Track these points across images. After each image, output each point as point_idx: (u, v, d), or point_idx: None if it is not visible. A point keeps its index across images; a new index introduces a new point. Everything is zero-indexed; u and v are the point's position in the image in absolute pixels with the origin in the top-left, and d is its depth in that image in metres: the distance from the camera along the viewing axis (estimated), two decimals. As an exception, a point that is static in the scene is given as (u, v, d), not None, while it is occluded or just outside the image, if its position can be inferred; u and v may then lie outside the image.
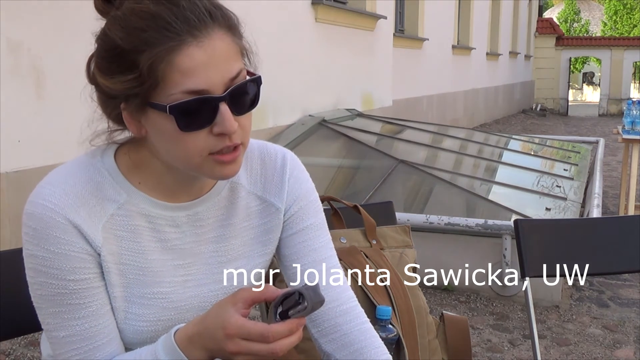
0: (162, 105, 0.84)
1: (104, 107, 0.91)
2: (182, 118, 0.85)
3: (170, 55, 0.83)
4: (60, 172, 0.94)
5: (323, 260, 1.07)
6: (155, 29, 0.83)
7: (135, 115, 0.89)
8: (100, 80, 0.87)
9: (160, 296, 0.97)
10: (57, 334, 0.93)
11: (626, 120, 5.24)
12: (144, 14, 0.84)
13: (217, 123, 0.86)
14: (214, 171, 0.90)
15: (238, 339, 0.83)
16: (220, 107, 0.86)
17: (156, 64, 0.83)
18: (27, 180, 3.35)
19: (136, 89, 0.84)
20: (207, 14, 0.86)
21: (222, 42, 0.86)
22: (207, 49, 0.84)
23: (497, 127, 14.23)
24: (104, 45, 0.87)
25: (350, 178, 5.43)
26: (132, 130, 0.91)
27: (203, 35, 0.84)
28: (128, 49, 0.84)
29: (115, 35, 0.85)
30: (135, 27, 0.84)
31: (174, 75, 0.83)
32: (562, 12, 35.77)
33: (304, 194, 1.08)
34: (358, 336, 1.05)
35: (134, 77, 0.84)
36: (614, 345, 3.14)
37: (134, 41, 0.83)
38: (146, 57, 0.83)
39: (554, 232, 1.77)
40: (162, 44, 0.83)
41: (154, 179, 0.96)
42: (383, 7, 7.95)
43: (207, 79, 0.84)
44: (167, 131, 0.86)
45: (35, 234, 0.89)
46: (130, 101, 0.87)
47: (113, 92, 0.87)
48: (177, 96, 0.84)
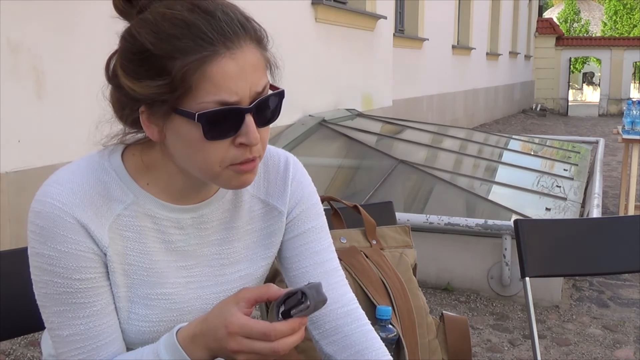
0: (190, 113, 0.85)
1: (121, 108, 0.91)
2: (209, 127, 0.85)
3: (204, 65, 0.83)
4: (67, 171, 0.94)
5: (324, 263, 1.08)
6: (190, 37, 0.84)
7: (155, 120, 0.89)
8: (125, 82, 0.87)
9: (163, 297, 0.97)
10: (61, 333, 0.93)
11: (626, 120, 5.24)
12: (178, 22, 0.84)
13: (241, 134, 0.87)
14: (231, 181, 0.91)
15: (240, 338, 0.83)
16: (246, 119, 0.87)
17: (189, 72, 0.83)
18: (27, 180, 3.35)
19: (165, 95, 0.85)
20: (240, 26, 0.87)
21: (253, 54, 0.87)
22: (239, 61, 0.85)
23: (497, 127, 14.23)
24: (131, 48, 0.87)
25: (350, 178, 5.43)
26: (149, 134, 0.91)
27: (236, 47, 0.85)
28: (159, 54, 0.84)
29: (145, 39, 0.85)
30: (168, 33, 0.84)
31: (205, 85, 0.84)
32: (562, 12, 35.78)
33: (306, 197, 1.09)
34: (359, 338, 1.06)
35: (164, 84, 0.84)
36: (614, 345, 3.14)
37: (166, 47, 0.84)
38: (179, 64, 0.83)
39: (554, 232, 1.77)
40: (196, 53, 0.83)
41: (162, 181, 0.96)
42: (383, 7, 7.95)
43: (237, 90, 0.85)
44: (191, 139, 0.87)
45: (42, 232, 0.89)
46: (154, 106, 0.87)
47: (138, 96, 0.87)
48: (207, 105, 0.84)
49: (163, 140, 0.91)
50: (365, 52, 7.69)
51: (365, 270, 1.51)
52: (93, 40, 1.27)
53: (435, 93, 11.51)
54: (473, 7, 13.84)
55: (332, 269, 1.08)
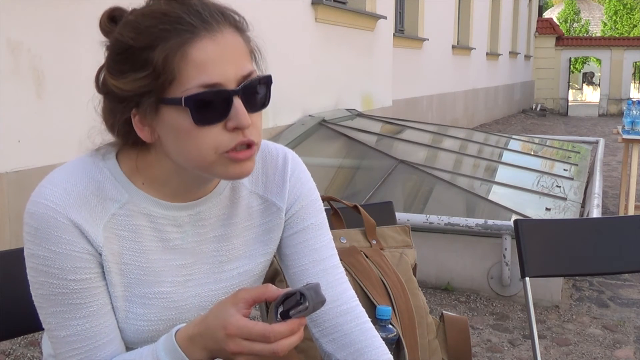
0: (177, 99, 0.85)
1: (112, 115, 0.91)
2: (197, 111, 0.85)
3: (184, 47, 0.84)
4: (61, 172, 0.93)
5: (324, 260, 1.07)
6: (167, 23, 0.85)
7: (147, 119, 0.89)
8: (112, 83, 0.87)
9: (161, 296, 0.97)
10: (58, 334, 0.93)
11: (626, 120, 5.24)
12: (155, 13, 0.86)
13: (231, 117, 0.87)
14: (228, 170, 0.90)
15: (239, 339, 0.83)
16: (234, 101, 0.87)
17: (170, 57, 0.84)
18: (27, 180, 3.35)
19: (150, 86, 0.85)
20: (218, 12, 0.88)
21: (234, 38, 0.88)
22: (220, 43, 0.86)
23: (497, 127, 14.23)
24: (115, 50, 0.88)
25: (350, 178, 5.43)
26: (143, 137, 0.90)
27: (215, 30, 0.86)
28: (140, 46, 0.85)
29: (127, 37, 0.86)
30: (146, 25, 0.85)
31: (188, 69, 0.84)
32: (562, 12, 35.77)
33: (305, 194, 1.08)
34: (359, 336, 1.05)
35: (147, 74, 0.85)
36: (614, 345, 3.14)
37: (145, 39, 0.85)
38: (159, 52, 0.84)
39: (554, 232, 1.77)
40: (175, 37, 0.84)
41: (159, 181, 0.96)
42: (383, 7, 7.95)
43: (221, 72, 0.85)
44: (182, 127, 0.87)
45: (36, 233, 0.89)
46: (143, 101, 0.87)
47: (125, 94, 0.87)
48: (192, 90, 0.84)
49: (156, 141, 0.91)
50: (365, 52, 7.69)
51: (365, 270, 1.51)
52: (93, 40, 1.26)
53: (435, 93, 11.51)
54: (473, 7, 13.83)
55: (332, 266, 1.08)
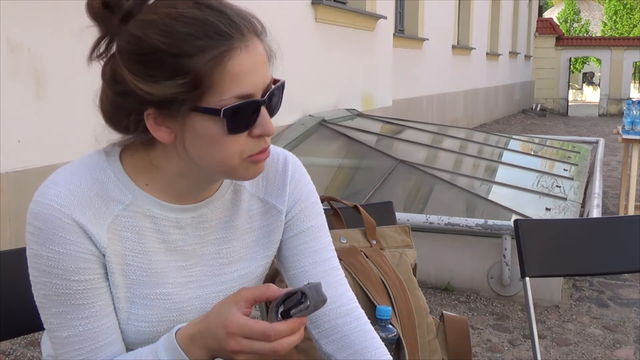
0: (214, 110, 0.85)
1: (123, 113, 0.90)
2: (232, 121, 0.86)
3: (224, 61, 0.85)
4: (65, 172, 0.93)
5: (324, 262, 1.08)
6: (206, 34, 0.84)
7: (166, 120, 0.88)
8: (138, 86, 0.86)
9: (162, 297, 0.97)
10: (60, 334, 0.93)
11: (626, 120, 5.24)
12: (189, 19, 0.85)
13: (258, 125, 0.89)
14: (248, 172, 0.93)
15: (240, 338, 0.83)
16: (262, 110, 0.89)
17: (209, 68, 0.84)
18: (27, 180, 3.35)
19: (185, 94, 0.85)
20: (247, 21, 0.89)
21: (260, 48, 0.89)
22: (251, 53, 0.87)
23: (497, 127, 14.23)
24: (138, 50, 0.86)
25: (350, 178, 5.43)
26: (157, 136, 0.89)
27: (248, 41, 0.87)
28: (174, 53, 0.84)
29: (156, 39, 0.84)
30: (182, 32, 0.84)
31: (225, 79, 0.85)
32: (562, 12, 35.77)
33: (305, 196, 1.09)
34: (358, 337, 1.06)
35: (184, 82, 0.84)
36: (614, 345, 3.14)
37: (181, 46, 0.84)
38: (198, 61, 0.84)
39: (554, 232, 1.77)
40: (215, 49, 0.84)
41: (163, 181, 0.96)
42: (383, 7, 7.95)
43: (253, 83, 0.87)
44: (212, 135, 0.87)
45: (40, 233, 0.89)
46: (170, 106, 0.86)
47: (152, 98, 0.86)
48: (228, 100, 0.85)
49: (172, 141, 0.90)
50: (365, 52, 7.69)
51: (365, 270, 1.51)
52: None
53: (435, 93, 11.51)
54: (473, 7, 13.83)
55: (331, 268, 1.08)
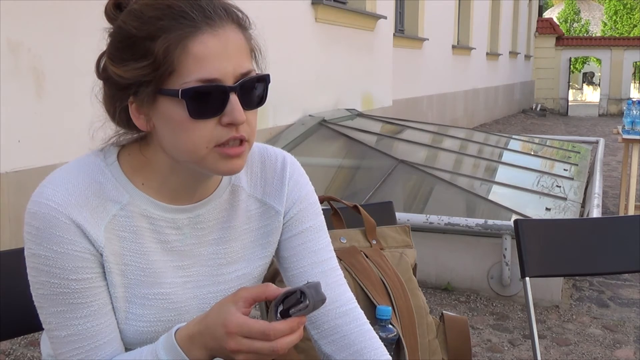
0: (174, 91, 0.86)
1: (111, 102, 0.92)
2: (193, 104, 0.86)
3: (185, 41, 0.85)
4: (62, 172, 0.94)
5: (322, 262, 1.08)
6: (171, 16, 0.86)
7: (143, 108, 0.90)
8: (113, 70, 0.88)
9: (160, 297, 0.97)
10: (59, 333, 0.93)
11: (626, 120, 5.24)
12: (160, 5, 0.87)
13: (227, 113, 0.88)
14: (218, 165, 0.90)
15: (239, 337, 0.83)
16: (231, 97, 0.87)
17: (171, 49, 0.85)
18: (27, 180, 3.35)
19: (150, 76, 0.86)
20: (222, 9, 0.89)
21: (235, 35, 0.89)
22: (221, 39, 0.87)
23: (497, 127, 14.23)
24: (117, 37, 0.89)
25: (350, 178, 5.43)
26: (138, 125, 0.92)
27: (218, 26, 0.87)
28: (143, 36, 0.86)
29: (130, 25, 0.87)
30: (150, 16, 0.86)
31: (188, 62, 0.85)
32: (562, 12, 35.77)
33: (304, 197, 1.09)
34: (358, 337, 1.06)
35: (148, 64, 0.86)
36: (614, 345, 3.14)
37: (149, 29, 0.86)
38: (161, 43, 0.85)
39: (554, 232, 1.77)
40: (178, 30, 0.85)
41: (158, 180, 0.96)
42: (383, 7, 7.95)
43: (220, 68, 0.86)
44: (177, 119, 0.87)
45: (38, 233, 0.89)
46: (141, 90, 0.88)
47: (125, 81, 0.88)
48: (190, 83, 0.85)
49: (153, 133, 0.92)
50: (365, 52, 7.69)
51: (365, 270, 1.51)
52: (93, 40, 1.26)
53: (435, 93, 11.51)
54: (473, 7, 13.83)
55: (330, 269, 1.08)
